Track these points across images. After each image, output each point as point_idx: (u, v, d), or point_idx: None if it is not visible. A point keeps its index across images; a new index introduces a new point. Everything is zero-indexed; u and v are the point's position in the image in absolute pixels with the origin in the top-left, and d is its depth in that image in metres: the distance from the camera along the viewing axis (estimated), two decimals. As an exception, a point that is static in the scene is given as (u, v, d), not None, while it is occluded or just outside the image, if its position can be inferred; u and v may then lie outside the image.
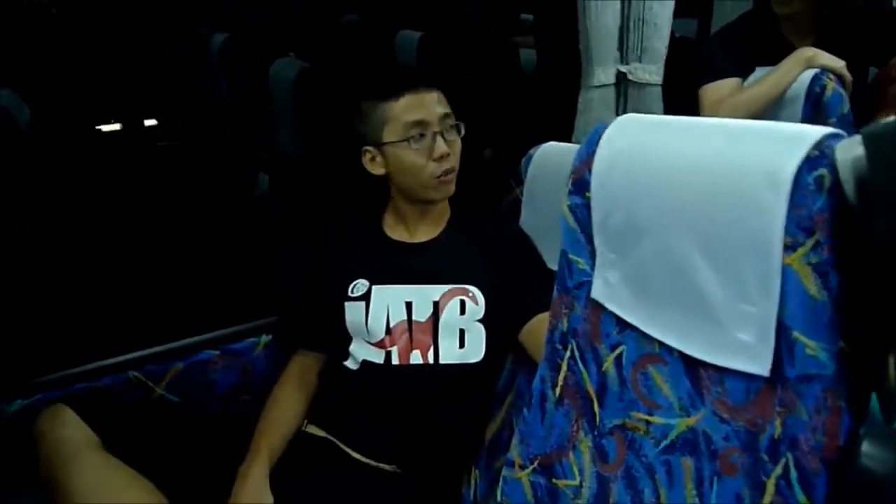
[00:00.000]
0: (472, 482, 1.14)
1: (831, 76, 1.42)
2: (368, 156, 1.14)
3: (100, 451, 0.95)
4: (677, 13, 1.61)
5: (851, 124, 1.40)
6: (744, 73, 1.58)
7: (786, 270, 0.58)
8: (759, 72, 1.55)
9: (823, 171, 0.56)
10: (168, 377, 1.19)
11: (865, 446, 0.56)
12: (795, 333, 0.59)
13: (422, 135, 1.09)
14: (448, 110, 1.12)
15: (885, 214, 0.50)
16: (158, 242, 1.78)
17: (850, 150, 0.54)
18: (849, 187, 0.54)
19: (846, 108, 1.40)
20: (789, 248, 0.57)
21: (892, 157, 0.50)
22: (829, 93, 1.40)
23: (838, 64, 1.44)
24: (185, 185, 2.05)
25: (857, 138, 0.54)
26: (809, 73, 1.44)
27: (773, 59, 1.51)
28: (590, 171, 0.77)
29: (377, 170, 1.14)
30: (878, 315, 0.53)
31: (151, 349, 1.20)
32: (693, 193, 0.64)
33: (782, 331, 0.60)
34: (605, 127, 0.76)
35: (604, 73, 1.60)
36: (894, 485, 0.55)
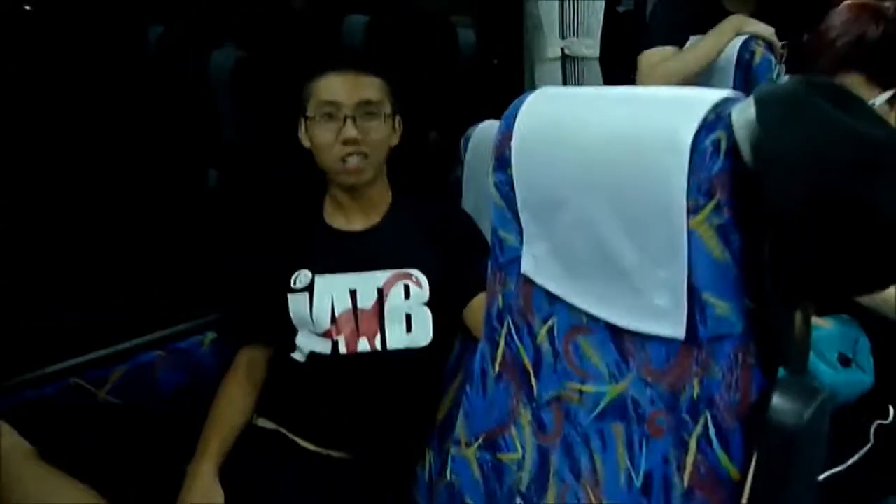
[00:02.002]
0: (427, 462, 1.15)
1: (760, 42, 1.45)
2: (302, 128, 1.16)
3: (34, 461, 0.94)
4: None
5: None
6: (681, 41, 1.60)
7: (691, 234, 0.59)
8: (694, 39, 1.57)
9: (720, 133, 0.57)
10: (112, 381, 1.16)
11: (775, 399, 0.58)
12: (705, 295, 0.60)
13: (331, 115, 1.09)
14: (375, 97, 1.11)
15: (775, 175, 0.51)
16: (103, 240, 1.74)
17: (745, 113, 0.55)
18: (744, 149, 0.55)
19: (775, 73, 1.43)
20: (692, 211, 0.58)
21: (778, 119, 0.52)
22: (757, 59, 1.43)
23: (768, 31, 1.47)
24: (132, 181, 2.00)
25: (751, 100, 0.55)
26: (740, 40, 1.46)
27: (711, 27, 1.53)
28: (510, 147, 0.77)
29: (305, 142, 1.16)
30: (779, 272, 0.54)
31: (93, 354, 1.17)
32: (603, 163, 0.65)
33: (693, 293, 0.61)
34: (521, 102, 0.76)
35: (553, 47, 1.62)
36: (803, 434, 0.57)
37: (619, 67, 1.69)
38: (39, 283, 1.51)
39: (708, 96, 0.58)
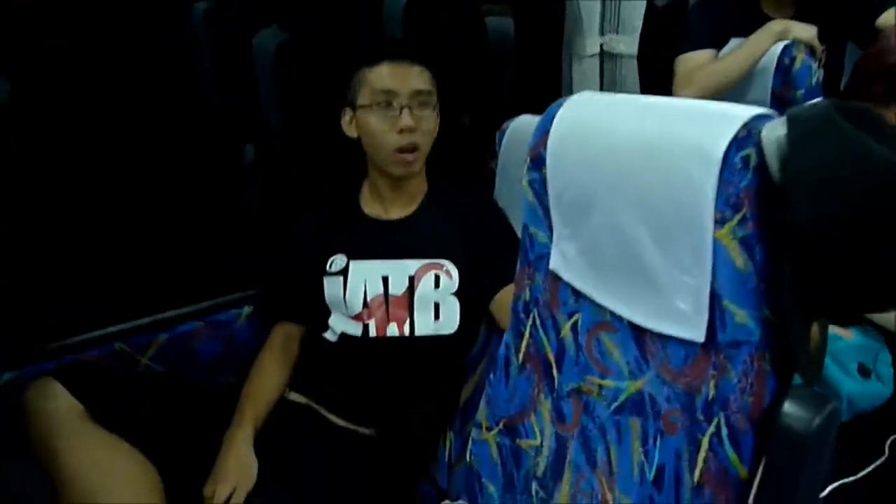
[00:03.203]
0: (448, 444, 1.20)
1: (801, 47, 1.44)
2: (347, 117, 1.18)
3: (87, 423, 0.98)
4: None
5: (819, 96, 1.43)
6: (720, 44, 1.60)
7: (716, 243, 0.62)
8: (734, 43, 1.57)
9: (750, 150, 0.59)
10: (153, 348, 1.23)
11: (787, 406, 0.61)
12: (726, 302, 0.63)
13: (389, 103, 1.11)
14: (426, 88, 1.14)
15: (802, 194, 0.54)
16: (143, 214, 1.80)
17: (776, 131, 0.57)
18: (773, 167, 0.57)
19: (815, 79, 1.42)
20: (719, 222, 0.61)
21: (811, 141, 0.54)
22: (798, 64, 1.42)
23: (809, 35, 1.46)
24: (171, 156, 2.06)
25: (783, 120, 0.58)
26: (780, 45, 1.46)
27: (750, 31, 1.53)
28: (545, 147, 0.80)
29: (351, 132, 1.18)
30: (796, 286, 0.57)
31: (136, 321, 1.24)
32: (635, 170, 0.68)
33: (715, 299, 0.64)
34: (560, 105, 0.79)
35: (593, 44, 1.62)
36: (811, 441, 0.60)
37: (655, 65, 1.69)
38: (90, 250, 1.58)
39: (740, 113, 0.61)
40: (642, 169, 0.66)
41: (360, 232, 1.20)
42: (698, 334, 0.66)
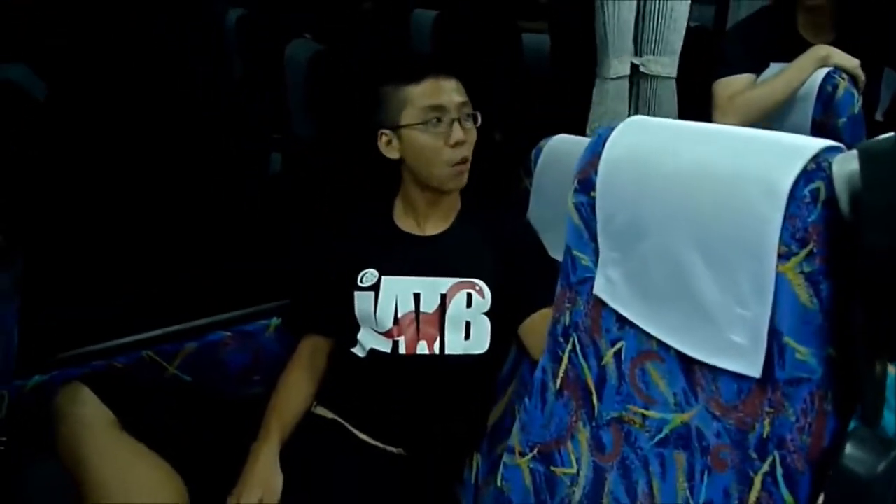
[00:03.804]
0: (475, 466, 1.18)
1: (844, 75, 1.42)
2: (385, 139, 1.15)
3: (116, 430, 0.98)
4: (694, -1, 1.60)
5: (862, 124, 1.41)
6: (758, 68, 1.58)
7: (779, 278, 0.60)
8: (774, 68, 1.55)
9: (819, 183, 0.57)
10: (180, 357, 1.22)
11: (849, 448, 0.59)
12: (786, 338, 0.61)
13: (439, 119, 1.10)
14: (466, 99, 1.13)
15: (875, 231, 0.52)
16: (172, 222, 1.81)
17: (846, 165, 0.56)
18: (843, 201, 0.55)
19: (857, 107, 1.40)
20: (783, 256, 0.59)
21: (885, 176, 0.52)
22: (840, 92, 1.40)
23: (853, 63, 1.44)
24: (199, 164, 2.07)
25: (854, 153, 0.56)
26: (822, 72, 1.44)
27: (789, 56, 1.51)
28: (595, 171, 0.79)
29: (392, 153, 1.15)
30: (866, 325, 0.55)
31: (165, 329, 1.23)
32: (694, 199, 0.66)
33: (774, 335, 0.62)
34: (612, 129, 0.78)
35: (620, 65, 1.60)
36: (874, 485, 0.58)
37: (690, 88, 1.68)
38: (120, 259, 1.59)
39: (809, 144, 0.59)
40: (703, 197, 0.65)
41: (392, 247, 1.19)
42: (754, 370, 0.64)
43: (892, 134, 0.56)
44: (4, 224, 0.91)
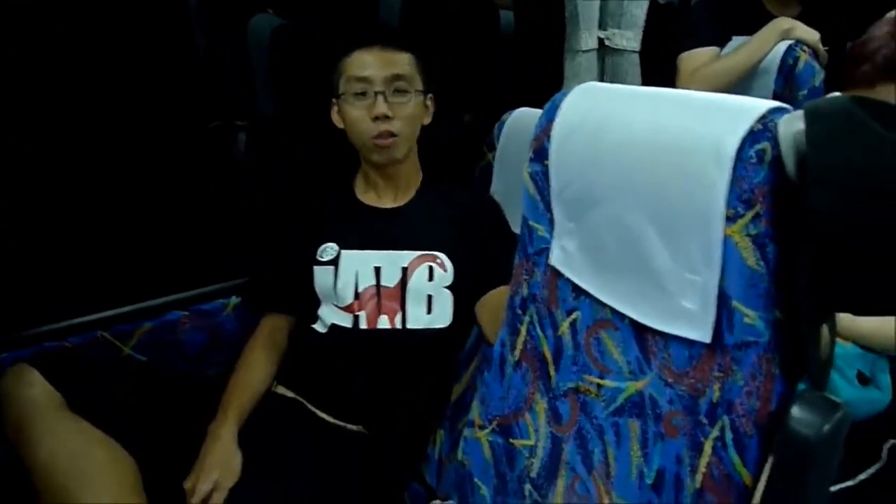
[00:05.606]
0: (438, 442, 1.17)
1: (805, 48, 1.42)
2: (334, 108, 1.17)
3: (64, 412, 0.96)
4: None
5: (822, 97, 1.41)
6: (723, 41, 1.58)
7: (727, 241, 0.60)
8: (736, 41, 1.55)
9: (766, 144, 0.57)
10: (136, 337, 1.19)
11: (795, 410, 0.59)
12: (734, 302, 0.61)
13: (362, 92, 1.10)
14: (405, 73, 1.12)
15: (820, 190, 0.51)
16: (130, 200, 1.76)
17: (792, 125, 0.55)
18: (789, 162, 0.55)
19: (818, 80, 1.41)
20: (730, 219, 0.59)
21: (829, 135, 0.52)
22: (801, 65, 1.41)
23: (813, 37, 1.44)
24: (159, 142, 2.02)
25: (800, 113, 0.55)
26: (783, 45, 1.44)
27: (755, 29, 1.51)
28: (549, 139, 0.78)
29: (339, 122, 1.17)
30: (810, 286, 0.55)
31: (120, 309, 1.20)
32: (643, 165, 0.65)
33: (723, 299, 0.62)
34: (565, 95, 0.77)
35: (590, 37, 1.59)
36: (821, 447, 0.58)
37: (655, 61, 1.67)
38: (76, 237, 1.54)
39: (755, 106, 0.59)
40: (651, 162, 0.64)
41: (352, 220, 1.17)
42: (704, 334, 0.64)
43: (837, 93, 0.55)
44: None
